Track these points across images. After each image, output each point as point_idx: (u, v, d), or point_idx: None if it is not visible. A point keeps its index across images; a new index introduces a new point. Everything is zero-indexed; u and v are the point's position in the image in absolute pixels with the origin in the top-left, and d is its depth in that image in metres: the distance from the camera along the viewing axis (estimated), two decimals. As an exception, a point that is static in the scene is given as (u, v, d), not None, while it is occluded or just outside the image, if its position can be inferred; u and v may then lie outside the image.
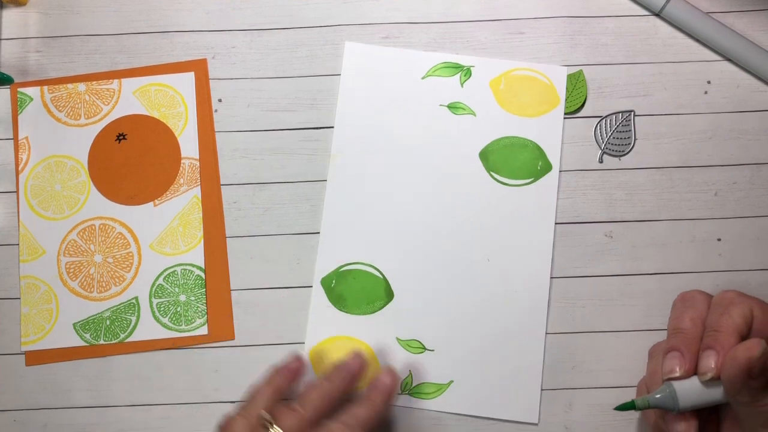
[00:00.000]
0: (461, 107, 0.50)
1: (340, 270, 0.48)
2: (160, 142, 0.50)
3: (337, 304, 0.48)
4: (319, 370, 0.47)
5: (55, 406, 0.48)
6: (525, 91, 0.50)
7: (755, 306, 0.37)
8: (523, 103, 0.50)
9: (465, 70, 0.50)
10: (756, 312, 0.37)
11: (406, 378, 0.47)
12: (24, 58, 0.51)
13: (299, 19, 0.52)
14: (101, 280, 0.49)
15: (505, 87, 0.50)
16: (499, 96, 0.50)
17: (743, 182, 0.49)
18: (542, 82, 0.50)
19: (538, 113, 0.49)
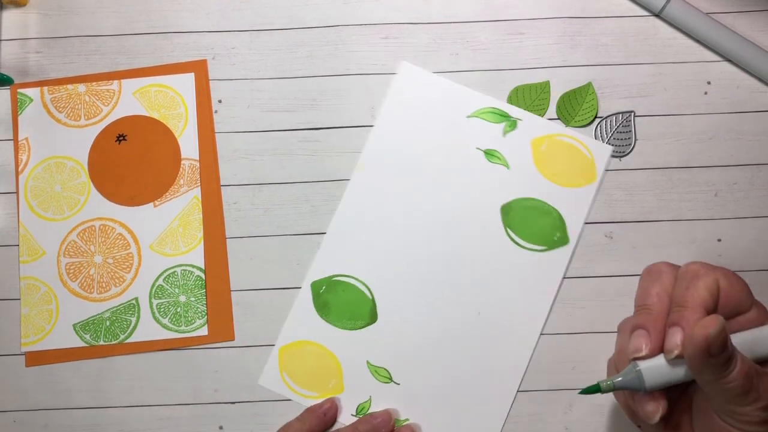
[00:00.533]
0: (497, 156, 0.49)
1: (332, 278, 0.48)
2: (160, 143, 0.50)
3: (320, 311, 0.48)
4: (284, 370, 0.47)
5: (55, 406, 0.48)
6: (564, 159, 0.49)
7: (721, 277, 0.35)
8: (560, 170, 0.49)
9: (511, 122, 0.49)
10: (722, 283, 0.35)
11: (365, 402, 0.47)
12: (24, 58, 0.51)
13: (299, 19, 0.52)
14: (101, 280, 0.49)
15: (547, 149, 0.49)
16: (537, 156, 0.49)
17: (743, 183, 0.49)
18: (584, 155, 0.49)
19: (571, 184, 0.49)
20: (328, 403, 0.46)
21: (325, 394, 0.47)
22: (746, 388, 0.33)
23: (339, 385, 0.47)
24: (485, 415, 0.47)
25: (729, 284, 0.35)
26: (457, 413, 0.47)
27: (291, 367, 0.48)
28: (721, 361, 0.33)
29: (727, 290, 0.35)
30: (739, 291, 0.35)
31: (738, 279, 0.36)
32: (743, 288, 0.35)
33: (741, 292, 0.35)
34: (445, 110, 0.50)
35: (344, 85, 0.51)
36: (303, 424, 0.45)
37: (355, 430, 0.45)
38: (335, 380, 0.47)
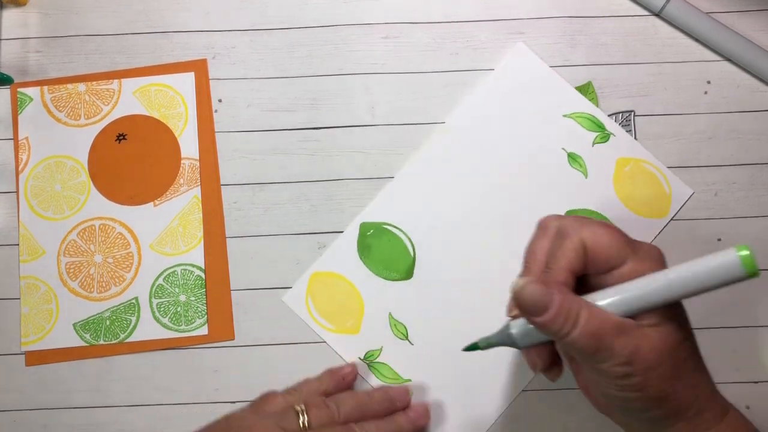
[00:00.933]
0: (579, 163, 0.49)
1: (383, 225, 0.49)
2: (160, 143, 0.50)
3: (361, 252, 0.49)
4: (310, 295, 0.48)
5: (55, 406, 0.48)
6: (643, 186, 0.49)
7: (588, 236, 0.35)
8: (635, 195, 0.49)
9: (604, 134, 0.49)
10: (588, 242, 0.35)
11: (375, 350, 0.47)
12: (24, 58, 0.51)
13: (299, 19, 0.52)
14: (101, 280, 0.49)
15: (630, 171, 0.49)
16: (618, 175, 0.49)
17: (743, 182, 0.49)
18: (663, 189, 0.49)
19: (641, 212, 0.48)
20: (348, 368, 0.46)
21: (340, 331, 0.48)
22: (593, 348, 0.33)
23: (356, 327, 0.48)
24: (494, 393, 0.47)
25: (595, 242, 0.34)
26: (466, 383, 0.47)
27: (317, 294, 0.48)
28: (551, 320, 0.33)
29: (593, 248, 0.35)
30: (607, 248, 0.34)
31: (607, 235, 0.35)
32: (612, 244, 0.34)
33: (609, 249, 0.34)
34: (544, 102, 0.50)
35: (344, 85, 0.51)
36: (320, 384, 0.45)
37: (370, 395, 0.45)
38: (354, 321, 0.48)
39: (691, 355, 0.35)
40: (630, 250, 0.34)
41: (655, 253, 0.35)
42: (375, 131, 0.50)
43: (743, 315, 0.48)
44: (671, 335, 0.33)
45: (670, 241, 0.49)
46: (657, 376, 0.33)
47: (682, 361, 0.34)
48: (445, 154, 0.50)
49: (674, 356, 0.34)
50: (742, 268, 0.31)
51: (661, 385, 0.34)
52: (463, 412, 0.47)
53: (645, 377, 0.33)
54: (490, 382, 0.47)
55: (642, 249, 0.35)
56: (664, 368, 0.33)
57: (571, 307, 0.33)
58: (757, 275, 0.31)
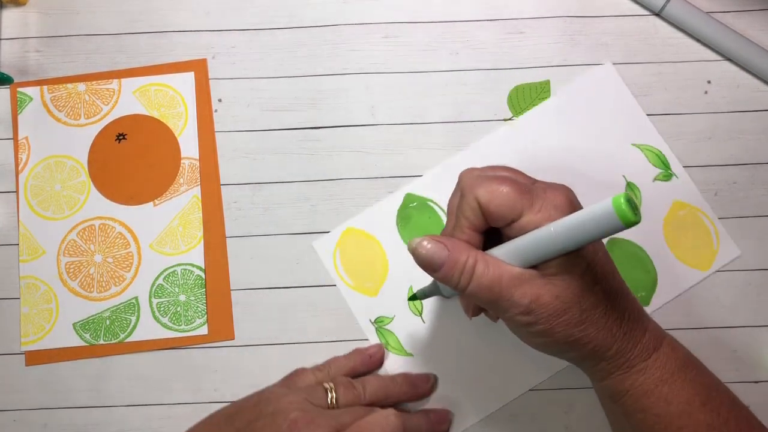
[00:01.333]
0: (636, 194, 0.48)
1: (427, 201, 0.49)
2: (159, 142, 0.50)
3: (399, 220, 0.49)
4: (339, 247, 0.49)
5: (54, 406, 0.48)
6: (693, 235, 0.48)
7: (481, 194, 0.36)
8: (682, 241, 0.48)
9: (667, 173, 0.49)
10: (482, 200, 0.36)
11: (387, 318, 0.48)
12: (24, 57, 0.51)
13: (299, 18, 0.51)
14: (101, 280, 0.49)
15: (683, 217, 0.48)
16: (670, 217, 0.48)
17: (743, 182, 0.49)
18: (711, 243, 0.48)
19: (683, 260, 0.48)
20: (375, 347, 0.47)
21: (358, 289, 0.48)
22: (492, 299, 0.36)
23: (375, 290, 0.48)
24: (494, 389, 0.47)
25: (488, 200, 0.36)
26: (468, 374, 0.47)
27: (346, 248, 0.49)
28: (444, 275, 0.36)
29: (487, 206, 0.36)
30: (499, 205, 0.36)
31: (499, 192, 0.36)
32: (504, 201, 0.35)
33: (502, 206, 0.35)
34: (617, 125, 0.49)
35: (344, 85, 0.51)
36: (348, 361, 0.46)
37: (393, 380, 0.45)
38: (374, 284, 0.48)
39: (602, 300, 0.36)
40: (527, 203, 0.35)
41: (558, 201, 0.36)
42: (375, 131, 0.50)
43: (743, 315, 0.48)
44: (573, 282, 0.35)
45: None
46: (562, 323, 0.35)
47: (592, 306, 0.35)
48: (504, 148, 0.49)
49: (581, 302, 0.35)
50: (617, 217, 0.30)
51: (569, 330, 0.35)
52: (456, 400, 0.47)
53: (549, 324, 0.35)
54: (493, 379, 0.47)
55: (542, 199, 0.36)
56: (570, 314, 0.35)
57: (466, 262, 0.36)
58: (633, 223, 0.30)
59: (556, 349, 0.38)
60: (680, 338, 0.48)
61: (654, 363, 0.37)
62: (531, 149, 0.49)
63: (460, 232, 0.38)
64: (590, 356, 0.37)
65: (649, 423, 0.37)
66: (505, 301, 0.35)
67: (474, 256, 0.36)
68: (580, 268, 0.35)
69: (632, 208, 0.30)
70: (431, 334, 0.48)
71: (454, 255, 0.36)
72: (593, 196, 0.47)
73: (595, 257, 0.36)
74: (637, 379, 0.37)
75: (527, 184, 0.37)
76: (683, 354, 0.38)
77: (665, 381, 0.37)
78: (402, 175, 0.50)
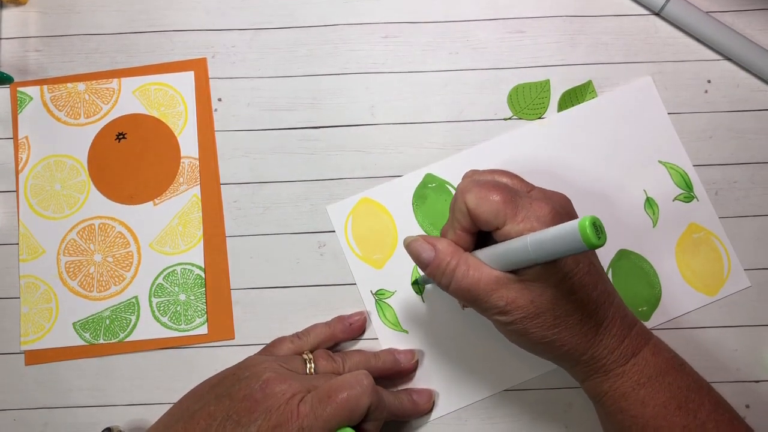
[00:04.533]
0: (654, 210, 0.48)
1: (446, 183, 0.49)
2: (159, 142, 0.50)
3: (415, 198, 0.49)
4: (352, 215, 0.49)
5: (54, 405, 0.48)
6: (705, 260, 0.48)
7: (470, 200, 0.38)
8: (693, 264, 0.48)
9: (688, 195, 0.48)
10: (469, 205, 0.38)
11: (389, 292, 0.48)
12: (24, 57, 0.51)
13: (299, 18, 0.52)
14: (101, 279, 0.49)
15: (698, 240, 0.48)
16: (685, 238, 0.48)
17: (743, 181, 0.49)
18: (722, 270, 0.48)
19: (691, 283, 0.48)
20: (357, 315, 0.47)
21: (365, 259, 0.48)
22: (470, 298, 0.38)
23: (381, 262, 0.49)
24: (485, 378, 0.47)
25: (475, 206, 0.38)
26: (460, 359, 0.47)
27: (359, 217, 0.49)
28: (430, 273, 0.39)
29: (474, 211, 0.38)
30: (485, 212, 0.38)
31: (485, 200, 0.38)
32: (489, 209, 0.37)
33: (487, 213, 0.37)
34: (647, 140, 0.49)
35: (344, 84, 0.51)
36: (328, 328, 0.46)
37: (376, 355, 0.46)
38: (381, 256, 0.48)
39: (578, 309, 0.38)
40: (510, 212, 0.37)
41: (542, 213, 0.37)
42: (375, 130, 0.50)
43: (744, 314, 0.48)
44: (548, 290, 0.37)
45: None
46: (536, 324, 0.38)
47: (567, 313, 0.37)
48: (531, 144, 0.49)
49: (555, 308, 0.37)
50: (581, 239, 0.31)
51: (543, 332, 0.38)
52: (445, 383, 0.47)
53: (524, 325, 0.38)
54: (484, 367, 0.47)
55: (526, 209, 0.37)
56: (544, 318, 0.37)
57: (448, 263, 0.39)
58: (597, 246, 0.31)
59: (534, 349, 0.40)
60: (680, 338, 0.48)
61: (632, 368, 0.39)
62: (559, 148, 0.49)
63: (452, 232, 0.40)
64: (565, 358, 0.40)
65: (627, 424, 0.39)
66: (483, 301, 0.38)
67: (457, 258, 0.39)
68: (556, 278, 0.37)
69: (596, 231, 0.31)
70: (429, 315, 0.48)
71: (439, 256, 0.39)
72: (610, 203, 0.48)
73: (575, 268, 0.37)
74: (615, 382, 0.39)
75: (518, 193, 0.38)
76: (664, 358, 0.40)
77: (642, 385, 0.39)
78: (402, 174, 0.50)
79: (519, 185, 0.41)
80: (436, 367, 0.47)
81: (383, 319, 0.48)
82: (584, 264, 0.38)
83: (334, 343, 0.47)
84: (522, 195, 0.38)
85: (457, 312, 0.48)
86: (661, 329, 0.47)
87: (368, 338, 0.48)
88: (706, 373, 0.47)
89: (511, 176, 0.41)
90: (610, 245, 0.48)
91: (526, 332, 0.38)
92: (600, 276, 0.39)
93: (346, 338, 0.47)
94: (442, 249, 0.39)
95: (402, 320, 0.48)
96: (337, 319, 0.47)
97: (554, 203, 0.38)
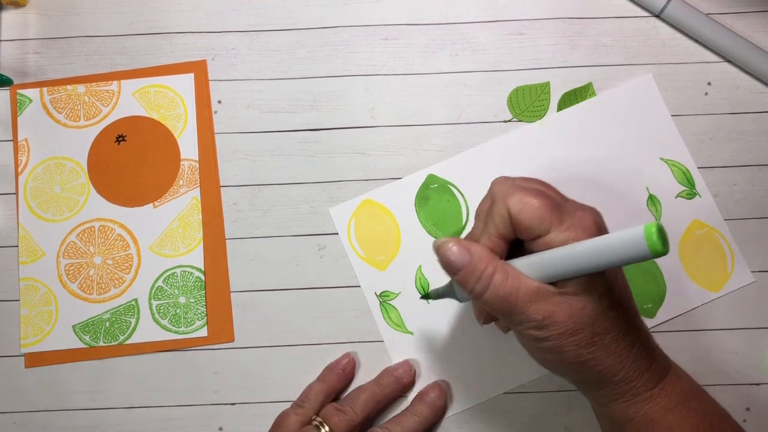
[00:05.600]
0: (656, 207, 0.48)
1: (448, 184, 0.49)
2: (159, 144, 0.50)
3: (418, 199, 0.49)
4: (355, 217, 0.49)
5: (54, 408, 0.48)
6: (708, 256, 0.48)
7: (513, 204, 0.36)
8: (697, 261, 0.48)
9: (690, 192, 0.48)
10: (512, 210, 0.35)
11: (393, 293, 0.48)
12: (23, 59, 0.51)
13: (299, 20, 0.51)
14: (101, 281, 0.49)
15: (701, 237, 0.48)
16: (687, 236, 0.48)
17: (743, 183, 0.49)
18: (726, 266, 0.48)
19: (695, 279, 0.48)
20: (345, 359, 0.47)
21: (368, 261, 0.48)
22: (505, 310, 0.35)
23: (385, 264, 0.48)
24: (492, 378, 0.47)
25: (519, 211, 0.35)
26: (465, 360, 0.47)
27: (361, 219, 0.49)
28: (463, 279, 0.36)
29: (517, 217, 0.35)
30: (529, 218, 0.35)
31: (531, 205, 0.35)
32: (535, 214, 0.35)
33: (531, 219, 0.35)
34: (649, 138, 0.49)
35: (344, 86, 0.51)
36: (323, 383, 0.46)
37: (377, 383, 0.45)
38: (385, 258, 0.48)
39: (616, 326, 0.35)
40: (556, 220, 0.35)
41: (586, 223, 0.35)
42: (375, 133, 0.50)
43: (743, 317, 0.48)
44: (589, 304, 0.34)
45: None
46: (573, 342, 0.35)
47: (604, 331, 0.35)
48: (533, 142, 0.49)
49: (594, 325, 0.35)
50: (646, 246, 0.30)
51: (578, 351, 0.35)
52: (449, 385, 0.47)
53: (560, 342, 0.35)
54: (489, 369, 0.47)
55: (571, 217, 0.35)
56: (582, 335, 0.35)
57: (485, 269, 0.35)
58: (662, 254, 0.30)
59: (564, 369, 0.37)
60: (680, 340, 0.48)
61: (660, 392, 0.37)
62: (559, 147, 0.49)
63: (486, 238, 0.37)
64: (596, 380, 0.37)
65: None
66: (519, 314, 0.35)
67: (494, 264, 0.35)
68: (599, 291, 0.35)
69: (663, 239, 0.30)
70: (435, 317, 0.48)
71: (475, 261, 0.36)
72: (613, 201, 0.48)
73: (615, 283, 0.36)
74: (642, 407, 0.37)
75: (559, 201, 0.36)
76: (688, 383, 0.38)
77: (670, 410, 0.37)
78: (402, 176, 0.50)
79: (555, 194, 0.38)
80: (440, 368, 0.47)
81: (388, 321, 0.48)
82: (621, 278, 0.37)
83: (335, 395, 0.46)
84: (562, 204, 0.36)
85: (461, 313, 0.48)
86: (661, 331, 0.47)
87: (373, 340, 0.48)
88: (706, 375, 0.47)
89: (545, 184, 0.39)
90: None
91: (561, 350, 0.35)
92: (630, 293, 0.38)
93: (342, 386, 0.47)
94: (478, 253, 0.36)
95: (407, 322, 0.48)
96: (327, 371, 0.47)
97: (595, 214, 0.36)
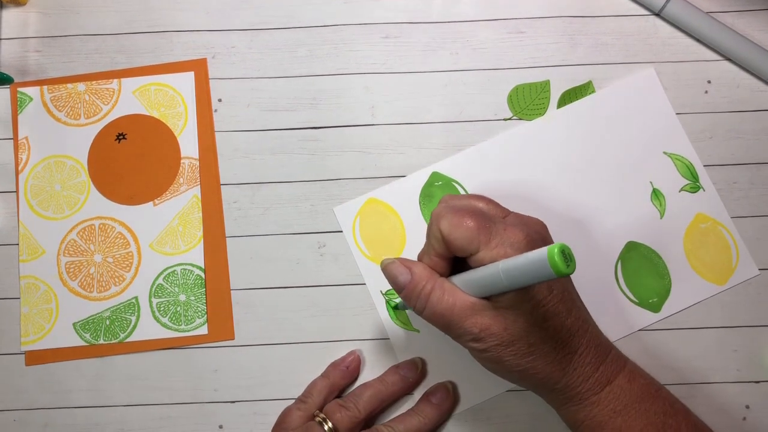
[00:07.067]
0: (660, 202, 0.48)
1: (452, 181, 0.49)
2: (159, 142, 0.50)
3: (422, 197, 0.49)
4: (360, 215, 0.49)
5: (54, 405, 0.48)
6: (713, 249, 0.48)
7: (444, 226, 0.38)
8: (702, 254, 0.48)
9: (695, 185, 0.48)
10: (444, 231, 0.38)
11: (397, 295, 0.48)
12: (24, 57, 0.51)
13: (299, 18, 0.51)
14: (101, 279, 0.49)
15: (705, 230, 0.48)
16: (692, 229, 0.48)
17: (743, 182, 0.49)
18: (730, 260, 0.48)
19: (700, 272, 0.48)
20: (351, 356, 0.47)
21: (374, 260, 0.48)
22: (443, 325, 0.38)
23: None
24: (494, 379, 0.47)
25: (448, 233, 0.38)
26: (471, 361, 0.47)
27: (366, 218, 0.49)
28: (405, 297, 0.39)
29: (447, 238, 0.38)
30: (458, 239, 0.37)
31: (459, 227, 0.37)
32: (463, 236, 0.37)
33: (460, 240, 0.37)
34: (651, 132, 0.49)
35: (344, 85, 0.51)
36: (327, 380, 0.46)
37: (382, 381, 0.45)
38: (390, 256, 0.48)
39: (551, 337, 0.37)
40: (484, 238, 0.37)
41: (515, 239, 0.37)
42: (375, 131, 0.50)
43: (744, 315, 0.48)
44: (521, 317, 0.37)
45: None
46: (511, 352, 0.37)
47: (540, 341, 0.37)
48: (536, 139, 0.49)
49: (529, 336, 0.37)
50: (549, 267, 0.31)
51: (517, 360, 0.37)
52: (457, 381, 0.47)
53: (498, 353, 0.37)
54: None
55: (499, 236, 0.37)
56: (518, 346, 0.37)
57: (423, 287, 0.38)
58: (565, 274, 0.31)
59: (510, 376, 0.40)
60: (680, 338, 0.48)
61: (607, 396, 0.39)
62: (561, 143, 0.49)
63: (427, 257, 0.40)
64: (540, 386, 0.39)
65: None
66: (457, 327, 0.38)
67: (433, 282, 0.38)
68: (529, 305, 0.37)
69: (566, 259, 0.31)
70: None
71: (416, 279, 0.39)
72: (617, 196, 0.48)
73: (549, 296, 0.37)
74: (591, 411, 0.39)
75: (492, 219, 0.38)
76: (640, 384, 0.39)
77: (618, 413, 0.38)
78: (402, 175, 0.50)
79: (494, 210, 0.41)
80: (446, 366, 0.47)
81: (394, 319, 0.48)
82: (558, 291, 0.38)
83: (338, 392, 0.46)
84: (496, 221, 0.38)
85: None
86: (660, 330, 0.48)
87: (379, 338, 0.48)
88: (705, 373, 0.47)
89: (487, 201, 0.41)
90: (618, 238, 0.48)
91: (501, 360, 0.38)
92: (573, 303, 0.39)
93: (346, 383, 0.47)
94: (418, 273, 0.39)
95: (413, 320, 0.48)
96: (331, 368, 0.47)
97: (529, 229, 0.38)
